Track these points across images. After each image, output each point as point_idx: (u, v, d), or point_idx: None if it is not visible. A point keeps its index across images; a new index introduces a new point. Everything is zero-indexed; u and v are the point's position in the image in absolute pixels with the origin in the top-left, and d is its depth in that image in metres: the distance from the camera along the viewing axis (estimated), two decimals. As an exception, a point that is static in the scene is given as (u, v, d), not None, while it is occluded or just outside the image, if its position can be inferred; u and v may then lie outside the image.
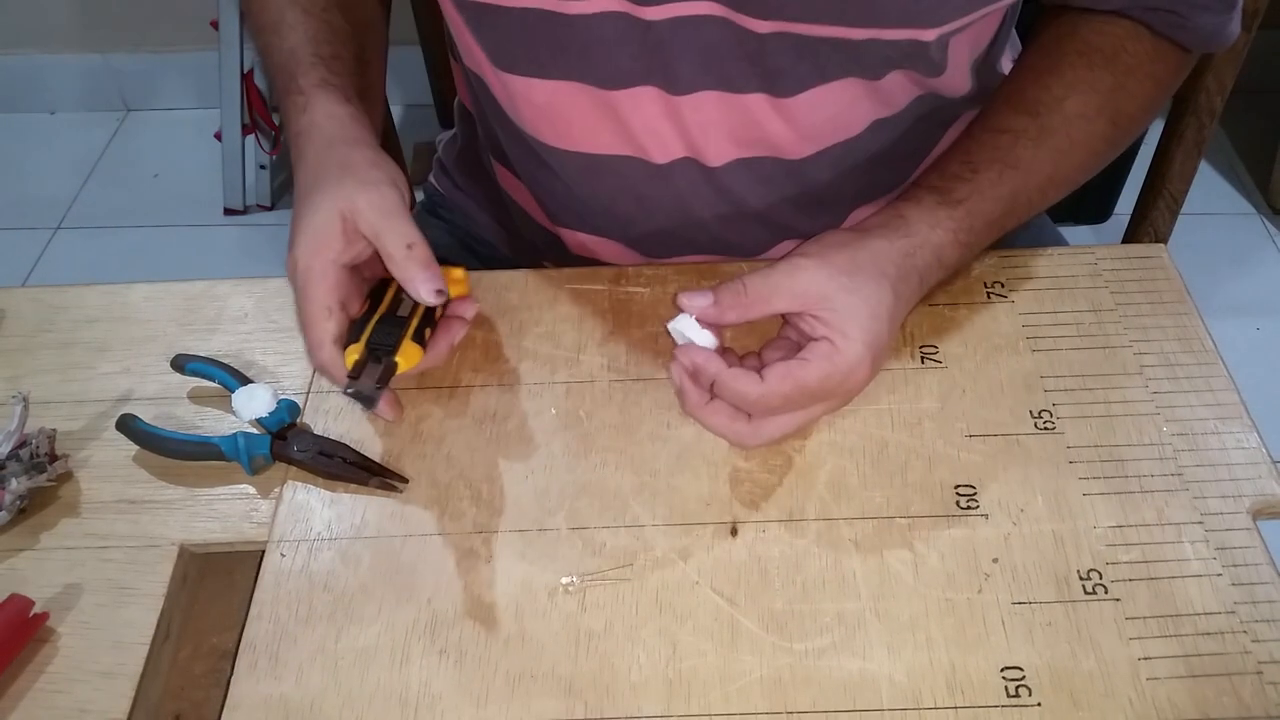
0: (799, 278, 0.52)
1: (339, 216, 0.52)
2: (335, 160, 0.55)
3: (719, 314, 0.53)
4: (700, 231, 0.66)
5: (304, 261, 0.53)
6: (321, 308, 0.53)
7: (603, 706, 0.47)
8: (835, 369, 0.51)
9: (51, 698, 0.48)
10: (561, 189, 0.66)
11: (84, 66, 1.90)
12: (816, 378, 0.51)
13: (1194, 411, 0.56)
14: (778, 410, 0.52)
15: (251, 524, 0.54)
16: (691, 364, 0.53)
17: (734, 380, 0.51)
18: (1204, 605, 0.49)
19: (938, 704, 0.46)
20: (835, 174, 0.64)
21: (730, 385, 0.51)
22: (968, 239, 0.56)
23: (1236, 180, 1.74)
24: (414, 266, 0.52)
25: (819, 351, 0.51)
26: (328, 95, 0.58)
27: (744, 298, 0.52)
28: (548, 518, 0.53)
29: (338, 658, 0.49)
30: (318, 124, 0.57)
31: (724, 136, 0.60)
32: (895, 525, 0.52)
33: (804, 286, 0.52)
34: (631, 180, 0.63)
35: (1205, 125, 0.97)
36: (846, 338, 0.51)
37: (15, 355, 0.63)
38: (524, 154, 0.66)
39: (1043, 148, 0.57)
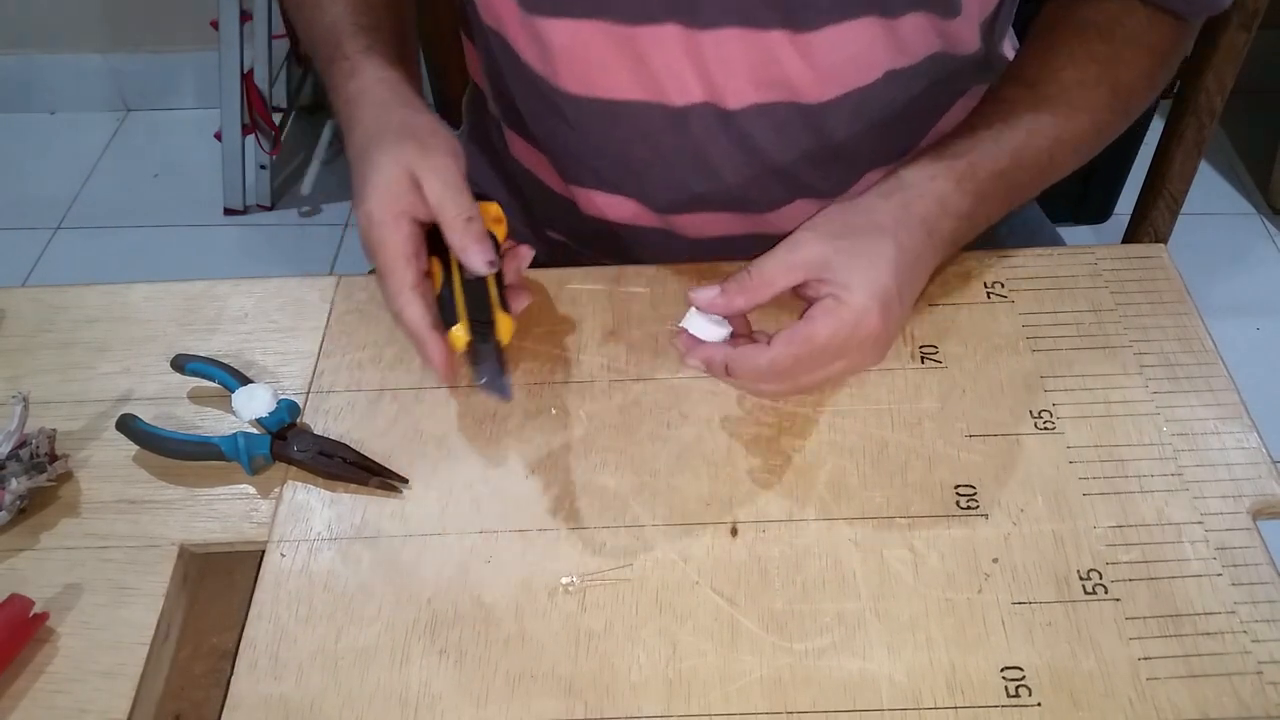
0: (798, 251, 0.54)
1: (406, 174, 0.54)
2: (395, 121, 0.57)
3: (728, 302, 0.54)
4: (716, 185, 0.65)
5: (378, 214, 0.54)
6: (399, 256, 0.53)
7: (603, 706, 0.47)
8: (842, 322, 0.52)
9: (51, 698, 0.48)
10: (577, 142, 0.66)
11: (84, 66, 1.90)
12: (825, 333, 0.52)
13: (1194, 411, 0.56)
14: (794, 373, 0.54)
15: (251, 524, 0.54)
16: (703, 362, 0.55)
17: (743, 357, 0.53)
18: (1204, 605, 0.49)
19: (938, 704, 0.46)
20: (851, 127, 0.63)
21: (741, 363, 0.53)
22: (974, 187, 0.57)
23: (1236, 180, 1.74)
24: (470, 238, 0.53)
25: (823, 308, 0.52)
26: (375, 60, 0.60)
27: (749, 281, 0.54)
28: (548, 518, 0.53)
29: (338, 658, 0.49)
30: (369, 88, 0.58)
31: (744, 77, 0.60)
32: (895, 525, 0.52)
33: (804, 256, 0.53)
34: (649, 128, 0.63)
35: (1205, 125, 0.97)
36: (848, 289, 0.52)
37: (15, 355, 0.63)
38: (541, 109, 0.66)
39: (1042, 112, 0.59)
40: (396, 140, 0.55)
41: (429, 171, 0.54)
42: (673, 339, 0.58)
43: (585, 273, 0.65)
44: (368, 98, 0.58)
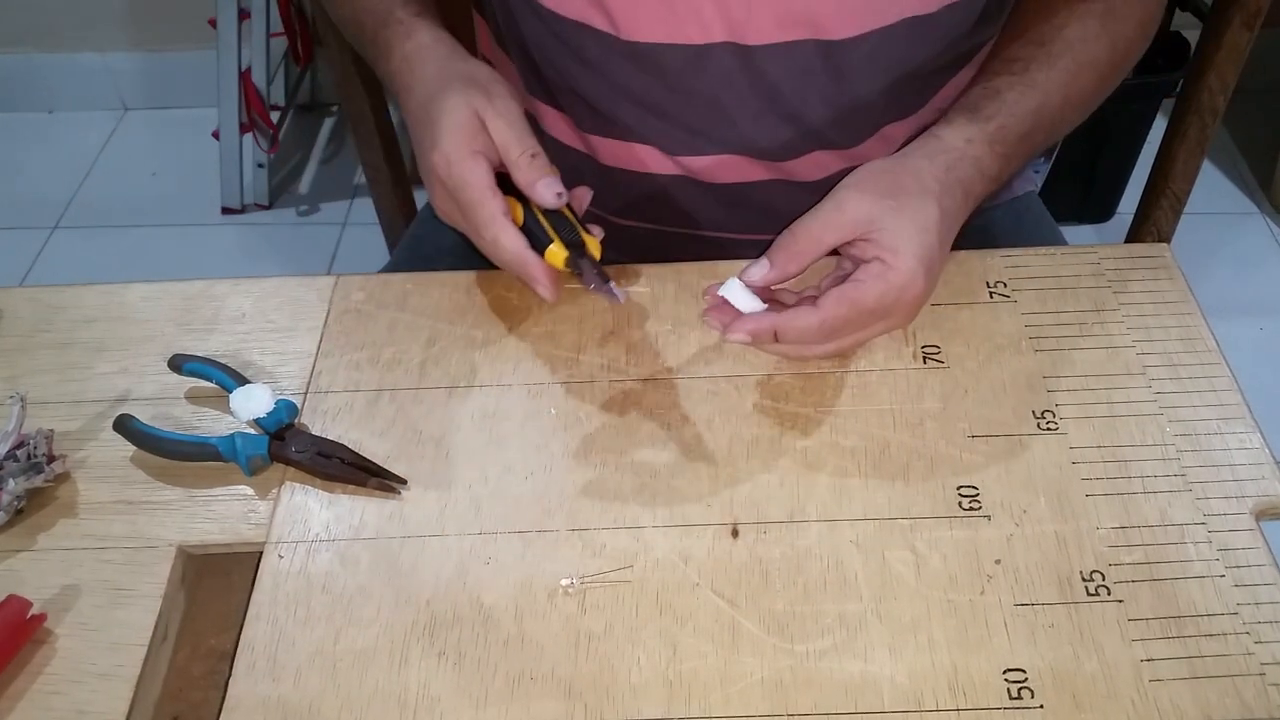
0: (845, 209, 0.54)
1: (475, 116, 0.56)
2: (458, 72, 0.59)
3: (780, 273, 0.55)
4: (733, 130, 0.65)
5: (454, 154, 0.56)
6: (484, 188, 0.55)
7: (602, 708, 0.47)
8: (890, 286, 0.53)
9: (49, 699, 0.48)
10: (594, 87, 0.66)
11: (82, 65, 1.90)
12: (873, 296, 0.53)
13: (1197, 412, 0.56)
14: (840, 334, 0.54)
15: (249, 525, 0.54)
16: (749, 334, 0.55)
17: (793, 320, 0.54)
18: (1207, 606, 0.49)
19: (939, 706, 0.46)
20: (869, 75, 0.63)
21: (791, 326, 0.54)
22: (1004, 150, 0.59)
23: (1239, 180, 1.74)
24: (537, 172, 0.55)
25: (872, 271, 0.53)
26: (429, 21, 0.63)
27: (795, 244, 0.54)
28: (547, 518, 0.53)
29: (336, 659, 0.49)
30: (427, 45, 0.61)
31: (766, 10, 0.60)
32: (897, 526, 0.52)
33: (851, 215, 0.54)
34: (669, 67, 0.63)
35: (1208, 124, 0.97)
36: (898, 254, 0.52)
37: (13, 355, 0.62)
38: (560, 56, 0.66)
39: (1055, 69, 0.61)
40: (463, 87, 0.57)
41: (494, 115, 0.56)
42: (704, 317, 0.58)
43: (585, 272, 0.64)
44: (428, 53, 0.61)
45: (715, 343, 0.60)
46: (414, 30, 0.62)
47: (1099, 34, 0.62)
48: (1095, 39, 0.62)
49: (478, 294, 0.64)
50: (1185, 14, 1.47)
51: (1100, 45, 0.62)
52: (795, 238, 0.54)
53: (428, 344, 0.61)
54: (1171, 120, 1.01)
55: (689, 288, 0.63)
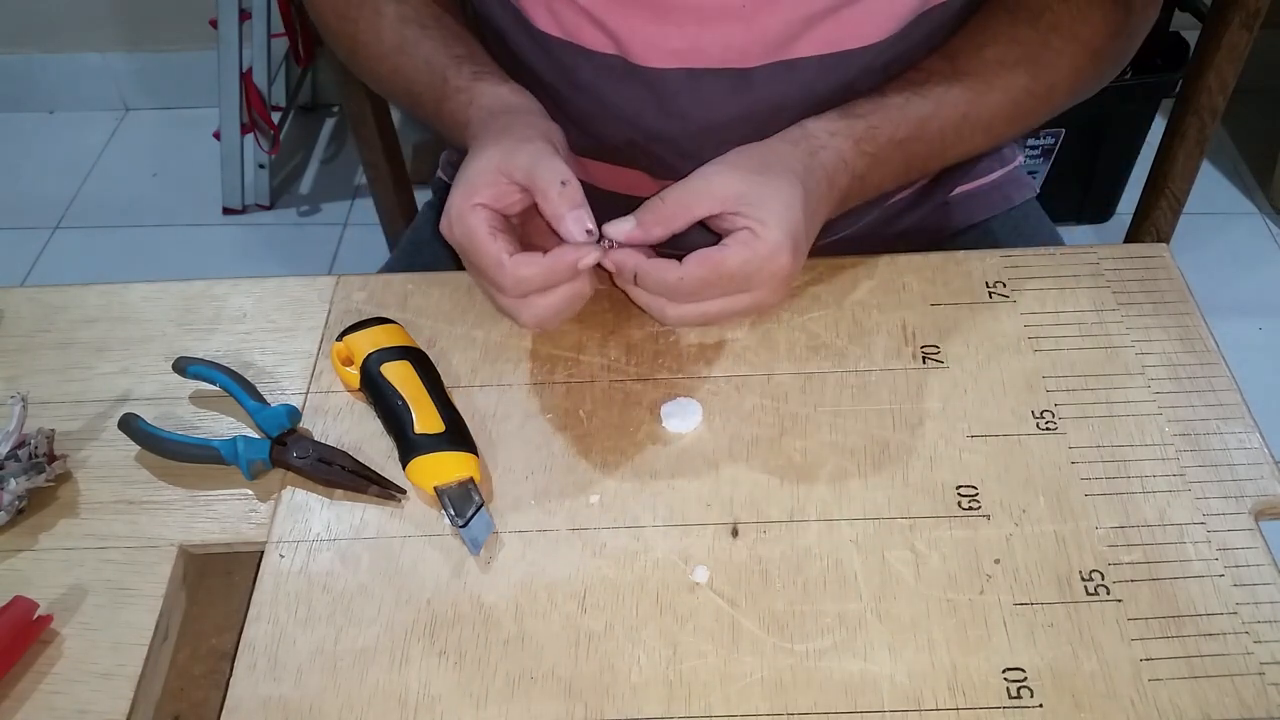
0: (714, 181, 0.54)
1: (494, 167, 0.54)
2: (496, 127, 0.57)
3: (645, 233, 0.55)
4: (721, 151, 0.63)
5: (455, 208, 0.54)
6: (486, 232, 0.53)
7: (603, 708, 0.47)
8: (755, 254, 0.53)
9: (50, 699, 0.48)
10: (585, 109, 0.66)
11: (82, 66, 1.90)
12: (736, 262, 0.53)
13: (1196, 412, 0.56)
14: (700, 295, 0.54)
15: (250, 525, 0.54)
16: (614, 264, 0.55)
17: (654, 269, 0.54)
18: (1206, 606, 0.49)
19: (939, 705, 0.46)
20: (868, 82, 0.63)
21: (650, 275, 0.54)
22: (872, 150, 0.58)
23: (1239, 180, 1.74)
24: (565, 204, 0.53)
25: (738, 239, 0.53)
26: (487, 82, 0.61)
27: (664, 209, 0.54)
28: (548, 518, 0.53)
29: (337, 659, 0.49)
30: (487, 106, 0.59)
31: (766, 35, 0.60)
32: (896, 526, 0.52)
33: (720, 188, 0.54)
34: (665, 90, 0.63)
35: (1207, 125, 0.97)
36: (765, 225, 0.53)
37: (14, 355, 0.62)
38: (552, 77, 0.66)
39: (955, 86, 0.60)
40: (494, 140, 0.56)
41: (519, 155, 0.54)
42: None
43: (585, 272, 0.65)
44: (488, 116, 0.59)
45: (715, 342, 0.60)
46: (474, 96, 0.60)
47: (1018, 61, 0.60)
48: (1014, 65, 0.60)
49: (478, 294, 0.64)
50: (1185, 14, 1.47)
51: (1017, 74, 0.60)
52: (664, 203, 0.54)
53: (428, 344, 0.61)
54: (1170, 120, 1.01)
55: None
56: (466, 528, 0.51)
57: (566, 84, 0.65)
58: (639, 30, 0.60)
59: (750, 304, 0.55)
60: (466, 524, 0.51)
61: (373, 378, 0.56)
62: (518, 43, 0.67)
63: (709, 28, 0.60)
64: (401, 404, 0.55)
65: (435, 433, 0.54)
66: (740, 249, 0.53)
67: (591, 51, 0.62)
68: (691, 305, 0.55)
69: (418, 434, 0.54)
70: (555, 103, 0.67)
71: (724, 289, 0.54)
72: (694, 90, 0.62)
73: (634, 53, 0.61)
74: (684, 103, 0.63)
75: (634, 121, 0.65)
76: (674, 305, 0.55)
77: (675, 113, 0.63)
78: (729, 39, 0.60)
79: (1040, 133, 1.49)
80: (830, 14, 0.59)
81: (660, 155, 0.67)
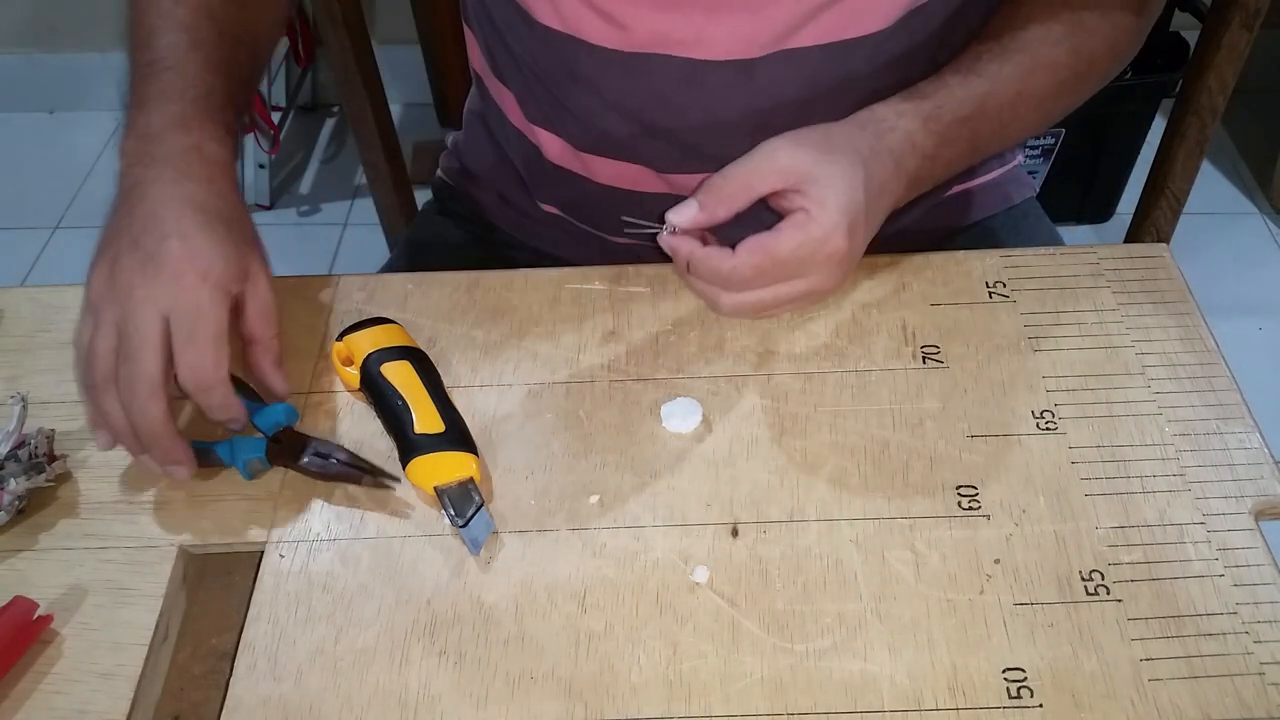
0: (778, 157, 0.53)
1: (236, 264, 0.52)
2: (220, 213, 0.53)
3: (709, 215, 0.54)
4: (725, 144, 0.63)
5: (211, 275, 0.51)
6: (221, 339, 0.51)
7: (603, 708, 0.47)
8: (809, 237, 0.52)
9: (50, 699, 0.48)
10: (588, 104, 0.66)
11: (82, 65, 1.90)
12: (789, 246, 0.52)
13: (1196, 412, 0.56)
14: (754, 283, 0.53)
15: (250, 525, 0.54)
16: (671, 249, 0.55)
17: (707, 257, 0.53)
18: (1206, 606, 0.49)
19: (939, 705, 0.46)
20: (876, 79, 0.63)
21: (704, 263, 0.53)
22: (939, 129, 0.58)
23: (1239, 180, 1.74)
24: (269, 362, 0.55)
25: (793, 221, 0.52)
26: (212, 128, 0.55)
27: (726, 188, 0.53)
28: (548, 518, 0.53)
29: (337, 659, 0.49)
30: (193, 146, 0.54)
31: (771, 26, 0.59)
32: (897, 526, 0.52)
33: (783, 164, 0.53)
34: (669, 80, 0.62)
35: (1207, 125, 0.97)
36: (823, 206, 0.52)
37: (14, 355, 0.62)
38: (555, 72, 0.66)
39: (1007, 63, 0.60)
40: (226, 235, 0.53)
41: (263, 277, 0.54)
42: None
43: (585, 272, 0.65)
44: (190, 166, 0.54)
45: (715, 343, 0.60)
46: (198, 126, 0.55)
47: (1060, 39, 0.61)
48: (1056, 43, 0.61)
49: (478, 294, 0.64)
50: (1185, 14, 1.47)
51: (1061, 50, 0.61)
52: (726, 181, 0.54)
53: (428, 344, 0.61)
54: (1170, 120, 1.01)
55: (689, 288, 0.63)
56: (466, 528, 0.51)
57: (567, 78, 0.65)
58: (645, 21, 0.60)
59: (806, 290, 0.54)
60: (466, 524, 0.51)
61: (373, 378, 0.56)
62: (517, 37, 0.67)
63: (716, 17, 0.60)
64: (401, 404, 0.55)
65: (435, 433, 0.54)
66: (794, 233, 0.52)
67: (593, 45, 0.62)
68: (746, 294, 0.54)
69: (418, 434, 0.54)
70: (556, 98, 0.67)
71: (778, 275, 0.53)
72: (697, 82, 0.62)
73: (638, 44, 0.61)
74: (686, 95, 0.63)
75: (636, 115, 0.65)
76: (728, 294, 0.54)
77: (677, 105, 0.63)
78: (735, 29, 0.60)
79: (1040, 133, 1.49)
80: (834, 2, 0.59)
81: (662, 150, 0.67)
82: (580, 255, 0.75)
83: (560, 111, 0.69)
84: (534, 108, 0.70)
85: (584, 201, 0.73)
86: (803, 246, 0.52)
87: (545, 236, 0.79)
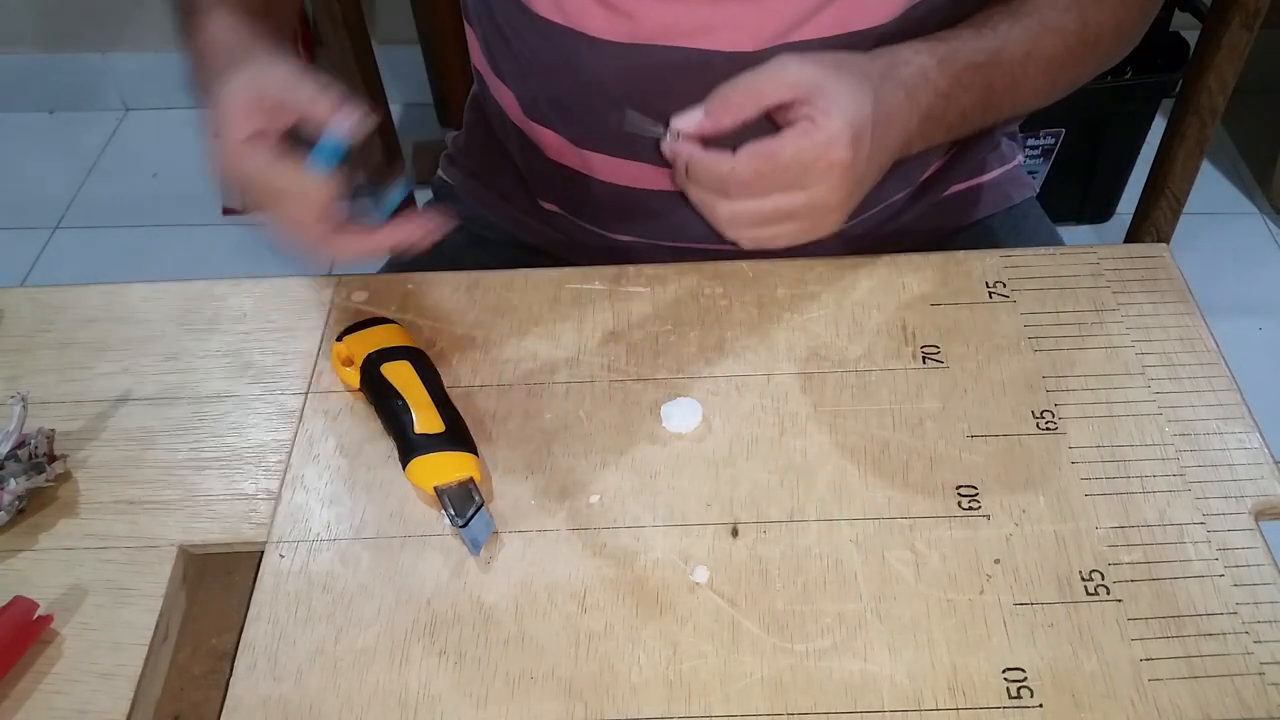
0: (788, 68, 0.53)
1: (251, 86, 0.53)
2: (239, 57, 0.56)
3: (715, 122, 0.53)
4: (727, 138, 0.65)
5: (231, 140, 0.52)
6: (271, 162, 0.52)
7: (603, 708, 0.47)
8: (811, 142, 0.51)
9: (49, 699, 0.48)
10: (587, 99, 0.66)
11: (82, 65, 1.90)
12: (790, 150, 0.51)
13: (1196, 412, 0.56)
14: (752, 189, 0.52)
15: (250, 525, 0.54)
16: (671, 153, 0.54)
17: (706, 159, 0.52)
18: (1206, 606, 0.49)
19: (939, 705, 0.46)
20: None
21: (702, 164, 0.52)
22: (954, 71, 0.57)
23: (1239, 180, 1.74)
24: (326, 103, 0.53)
25: (797, 129, 0.51)
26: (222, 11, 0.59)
27: (734, 96, 0.53)
28: (547, 518, 0.53)
29: (337, 659, 0.49)
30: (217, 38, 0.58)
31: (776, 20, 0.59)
32: (896, 526, 0.52)
33: (793, 76, 0.52)
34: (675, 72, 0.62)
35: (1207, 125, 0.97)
36: (827, 115, 0.51)
37: (14, 355, 0.62)
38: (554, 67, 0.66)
39: (1017, 25, 0.60)
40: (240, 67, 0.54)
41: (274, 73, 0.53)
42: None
43: (585, 272, 0.65)
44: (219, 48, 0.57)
45: (715, 343, 0.60)
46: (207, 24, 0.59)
47: (1069, 6, 0.61)
48: (1065, 10, 0.61)
49: (478, 294, 0.64)
50: (1185, 14, 1.47)
51: (1070, 17, 0.61)
52: (734, 90, 0.53)
53: (428, 344, 0.61)
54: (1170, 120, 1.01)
55: (689, 288, 0.63)
56: (466, 528, 0.51)
57: (568, 73, 0.65)
58: (651, 11, 0.60)
59: (806, 202, 0.53)
60: (466, 524, 0.51)
61: (373, 378, 0.56)
62: (516, 32, 0.67)
63: (722, 8, 0.60)
64: (401, 404, 0.55)
65: (435, 433, 0.54)
66: (796, 138, 0.51)
67: (594, 38, 0.62)
68: (745, 202, 0.53)
69: (418, 434, 0.54)
70: (555, 94, 0.67)
71: (778, 182, 0.52)
72: (700, 74, 0.62)
73: (643, 35, 0.61)
74: (688, 87, 0.63)
75: (637, 110, 0.65)
76: (726, 202, 0.53)
77: (678, 98, 0.63)
78: (741, 21, 0.60)
79: (1040, 132, 1.49)
80: None
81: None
82: (581, 254, 0.75)
83: (560, 108, 0.69)
84: (533, 104, 0.70)
85: (585, 199, 0.73)
86: (805, 152, 0.51)
87: (546, 235, 0.79)
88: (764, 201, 0.53)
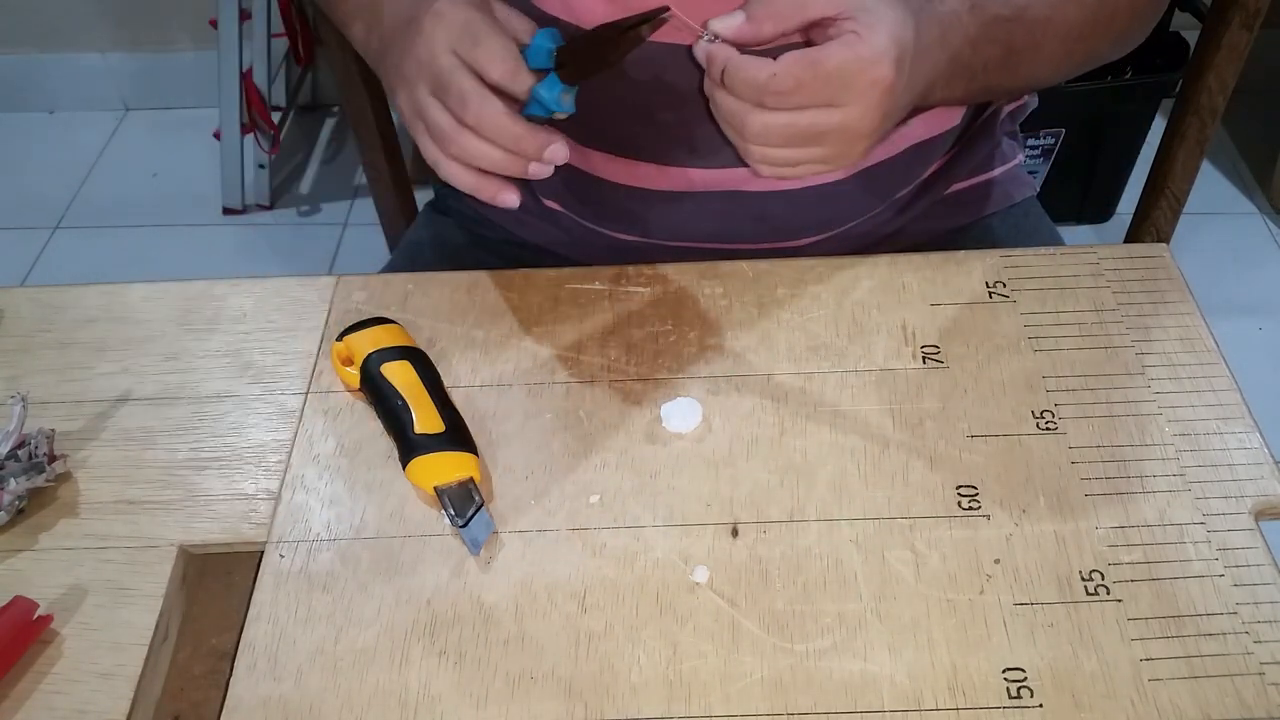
0: None
1: None
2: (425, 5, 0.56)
3: (755, 29, 0.51)
4: None
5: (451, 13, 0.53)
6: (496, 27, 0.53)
7: (603, 708, 0.47)
8: (856, 55, 0.49)
9: (50, 699, 0.48)
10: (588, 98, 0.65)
11: (83, 65, 1.90)
12: (835, 62, 0.49)
13: (1196, 412, 0.56)
14: (790, 98, 0.50)
15: (250, 525, 0.54)
16: (706, 54, 0.52)
17: (745, 64, 0.50)
18: (1206, 606, 0.49)
19: (939, 705, 0.46)
20: None
21: (741, 69, 0.50)
22: (983, 18, 0.57)
23: (1239, 180, 1.74)
24: None
25: (842, 40, 0.50)
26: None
27: (779, 3, 0.51)
28: (548, 518, 0.53)
29: (337, 659, 0.49)
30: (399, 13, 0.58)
31: None
32: (897, 526, 0.52)
33: None
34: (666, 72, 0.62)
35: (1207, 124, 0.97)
36: (873, 30, 0.49)
37: (14, 355, 0.62)
38: None
39: None
40: None
41: None
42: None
43: (585, 272, 0.65)
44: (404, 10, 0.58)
45: (715, 343, 0.60)
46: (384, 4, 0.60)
47: None
48: None
49: (478, 294, 0.64)
50: (1185, 14, 1.47)
51: None
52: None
53: (428, 344, 0.61)
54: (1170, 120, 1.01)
55: (689, 288, 0.63)
56: (466, 528, 0.51)
57: None
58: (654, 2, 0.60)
59: (840, 122, 0.51)
60: (466, 524, 0.51)
61: (373, 378, 0.56)
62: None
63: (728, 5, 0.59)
64: (401, 404, 0.55)
65: (435, 433, 0.54)
66: (841, 49, 0.49)
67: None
68: (779, 114, 0.51)
69: (418, 434, 0.54)
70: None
71: (817, 95, 0.50)
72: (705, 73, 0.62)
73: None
74: (689, 81, 0.63)
75: (639, 108, 0.65)
76: (759, 113, 0.51)
77: (679, 93, 0.63)
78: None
79: (1040, 132, 1.49)
80: None
81: (666, 146, 0.66)
82: (583, 253, 0.75)
83: None
84: None
85: (587, 198, 0.73)
86: (849, 63, 0.49)
87: (548, 234, 0.79)
88: (799, 115, 0.51)
